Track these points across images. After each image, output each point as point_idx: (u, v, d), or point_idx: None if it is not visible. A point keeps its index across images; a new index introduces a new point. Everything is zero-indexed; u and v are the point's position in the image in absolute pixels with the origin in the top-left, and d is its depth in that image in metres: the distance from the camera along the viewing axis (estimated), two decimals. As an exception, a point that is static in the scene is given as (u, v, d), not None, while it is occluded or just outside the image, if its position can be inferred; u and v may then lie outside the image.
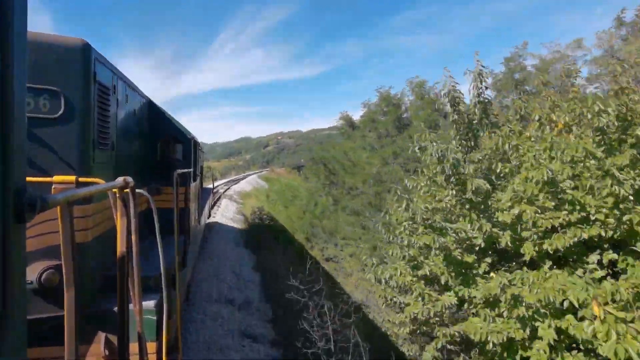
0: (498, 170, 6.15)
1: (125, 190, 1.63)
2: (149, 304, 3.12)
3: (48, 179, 1.93)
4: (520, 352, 5.04)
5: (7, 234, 0.72)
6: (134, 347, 1.84)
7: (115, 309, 3.05)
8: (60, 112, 2.93)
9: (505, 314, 5.03)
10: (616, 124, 5.37)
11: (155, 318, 3.14)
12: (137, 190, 1.73)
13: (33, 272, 2.75)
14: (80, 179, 1.88)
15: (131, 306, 1.79)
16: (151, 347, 3.07)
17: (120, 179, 1.58)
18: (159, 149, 5.63)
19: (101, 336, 3.06)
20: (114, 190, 1.59)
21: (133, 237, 1.72)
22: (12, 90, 0.72)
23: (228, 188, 30.83)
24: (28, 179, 0.86)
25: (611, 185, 4.78)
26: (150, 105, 5.52)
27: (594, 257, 5.21)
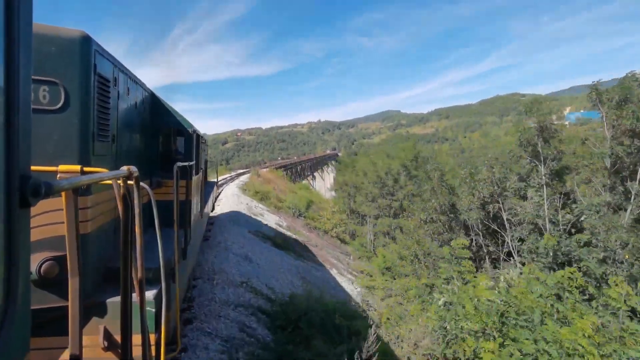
0: None
1: (129, 182, 1.62)
2: (148, 295, 3.11)
3: (53, 168, 1.91)
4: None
5: (12, 218, 0.72)
6: (135, 338, 1.83)
7: (110, 300, 3.06)
8: (60, 103, 2.92)
9: None
10: None
11: (154, 310, 3.14)
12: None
13: (33, 263, 2.74)
14: (86, 169, 1.87)
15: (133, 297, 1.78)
16: (150, 338, 3.07)
17: (124, 168, 1.57)
18: (161, 141, 5.61)
19: (100, 327, 3.06)
20: (118, 181, 1.58)
21: (137, 228, 1.71)
22: (18, 77, 0.72)
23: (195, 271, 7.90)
24: (33, 167, 0.86)
25: None
26: (152, 98, 5.49)
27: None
